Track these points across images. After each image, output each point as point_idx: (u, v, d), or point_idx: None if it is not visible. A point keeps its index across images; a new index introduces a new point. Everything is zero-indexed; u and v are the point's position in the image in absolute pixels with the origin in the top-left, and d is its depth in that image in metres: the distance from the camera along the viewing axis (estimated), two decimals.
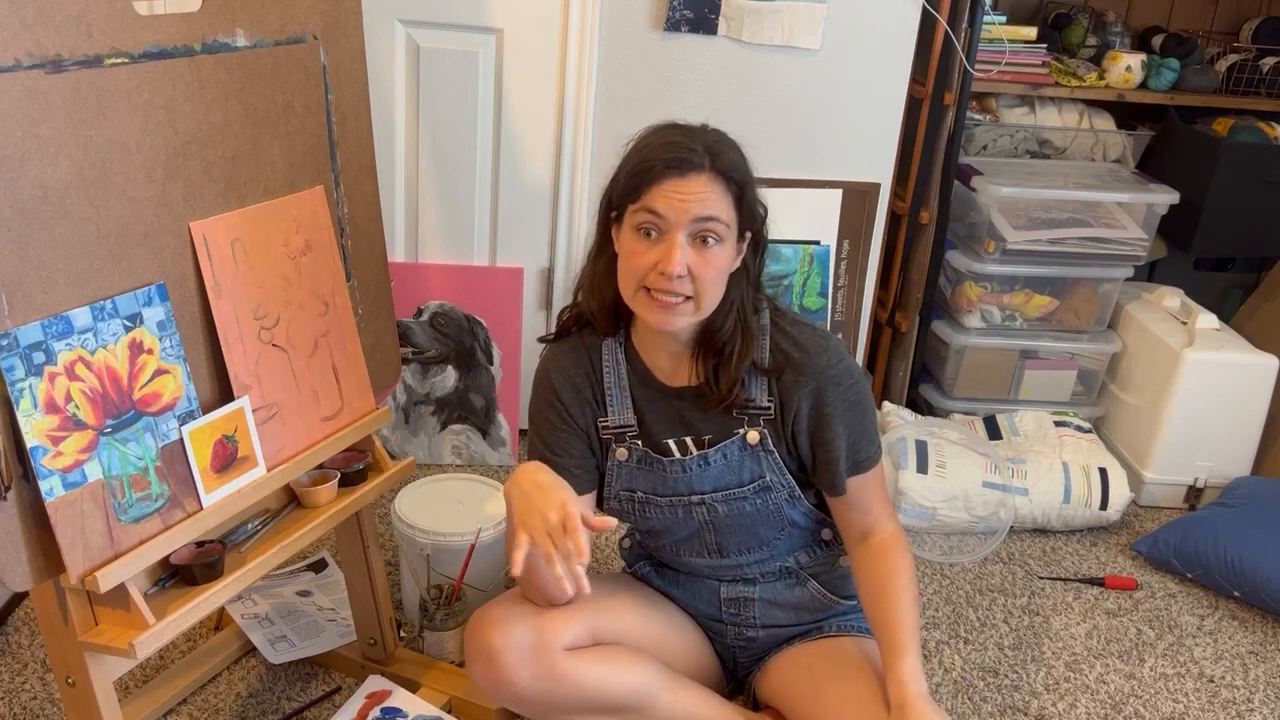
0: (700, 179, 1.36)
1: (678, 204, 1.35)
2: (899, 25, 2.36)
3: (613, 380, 1.54)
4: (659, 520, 1.58)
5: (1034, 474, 2.39)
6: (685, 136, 1.39)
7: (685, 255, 1.36)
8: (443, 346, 2.48)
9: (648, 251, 1.38)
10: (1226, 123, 2.90)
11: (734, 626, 1.66)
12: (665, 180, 1.36)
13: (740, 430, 1.50)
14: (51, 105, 1.15)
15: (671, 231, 1.36)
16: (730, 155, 1.39)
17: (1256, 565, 2.15)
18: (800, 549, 1.62)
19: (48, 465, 1.16)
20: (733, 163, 1.39)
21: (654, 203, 1.36)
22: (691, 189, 1.35)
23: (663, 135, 1.40)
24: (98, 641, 1.26)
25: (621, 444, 1.55)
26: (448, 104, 2.34)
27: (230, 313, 1.39)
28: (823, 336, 1.50)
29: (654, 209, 1.36)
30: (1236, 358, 2.48)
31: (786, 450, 1.51)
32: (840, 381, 1.47)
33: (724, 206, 1.38)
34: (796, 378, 1.47)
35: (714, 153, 1.38)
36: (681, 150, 1.37)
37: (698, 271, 1.37)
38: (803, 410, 1.48)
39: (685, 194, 1.35)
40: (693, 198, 1.35)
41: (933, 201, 2.62)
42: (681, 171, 1.35)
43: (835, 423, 1.48)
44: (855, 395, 1.49)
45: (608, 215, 1.46)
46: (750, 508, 1.54)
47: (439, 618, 1.83)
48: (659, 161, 1.36)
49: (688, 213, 1.35)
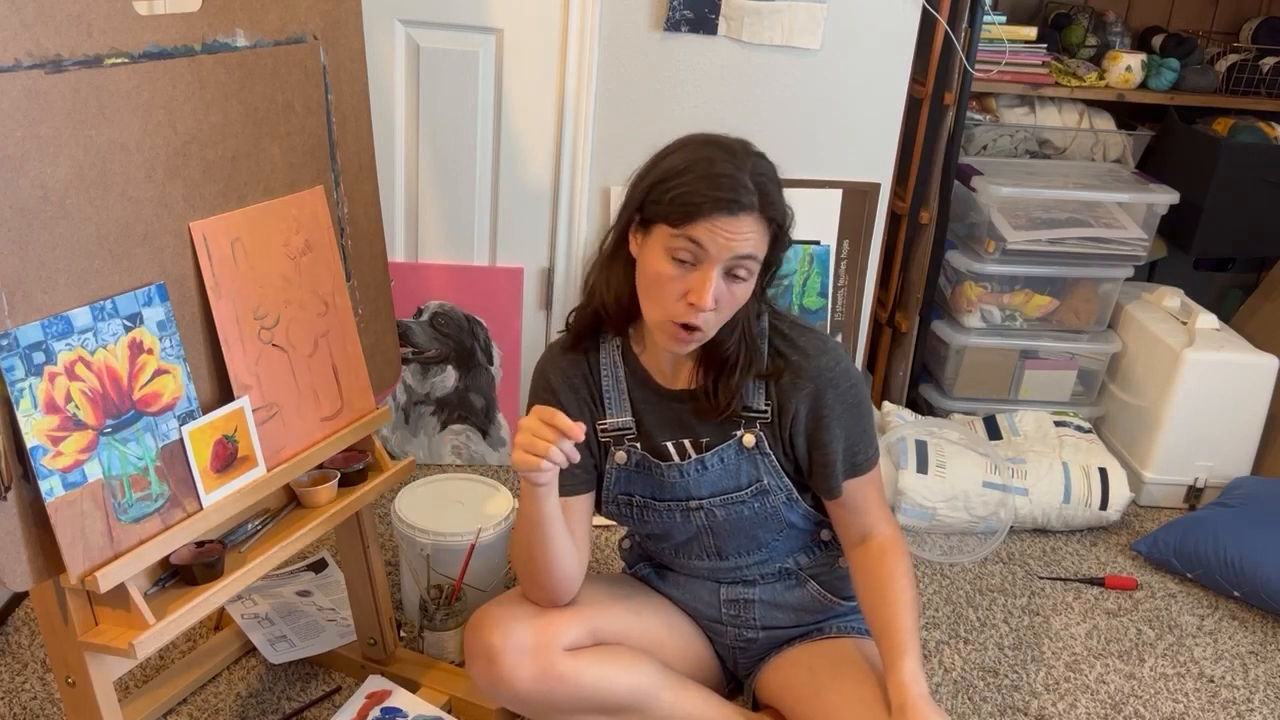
0: (749, 220, 1.34)
1: (723, 241, 1.33)
2: (899, 25, 2.36)
3: (610, 383, 1.54)
4: (658, 524, 1.58)
5: (1034, 474, 2.39)
6: (735, 169, 1.34)
7: (717, 291, 1.35)
8: (443, 346, 2.48)
9: (679, 279, 1.35)
10: (1226, 123, 2.90)
11: (734, 628, 1.66)
12: (714, 216, 1.32)
13: (737, 433, 1.50)
14: (51, 105, 1.15)
15: (709, 265, 1.34)
16: (776, 195, 1.37)
17: (1256, 565, 2.15)
18: (800, 550, 1.62)
19: (48, 465, 1.16)
20: (778, 205, 1.37)
21: (699, 235, 1.33)
22: (740, 230, 1.33)
23: (711, 163, 1.35)
24: (98, 641, 1.26)
25: (620, 447, 1.55)
26: (448, 104, 2.34)
27: (230, 313, 1.39)
28: (821, 339, 1.50)
29: (698, 241, 1.33)
30: (1236, 358, 2.48)
31: (783, 452, 1.51)
32: (838, 384, 1.47)
33: (763, 245, 1.37)
34: (794, 380, 1.47)
35: (763, 192, 1.35)
36: (734, 189, 1.33)
37: (723, 304, 1.37)
38: (800, 413, 1.48)
39: (732, 234, 1.33)
40: (738, 238, 1.33)
41: (933, 201, 2.62)
42: (732, 211, 1.33)
43: (833, 425, 1.47)
44: (853, 398, 1.48)
45: (629, 217, 1.42)
46: (748, 511, 1.54)
47: (439, 618, 1.83)
48: (709, 200, 1.32)
49: (732, 250, 1.34)
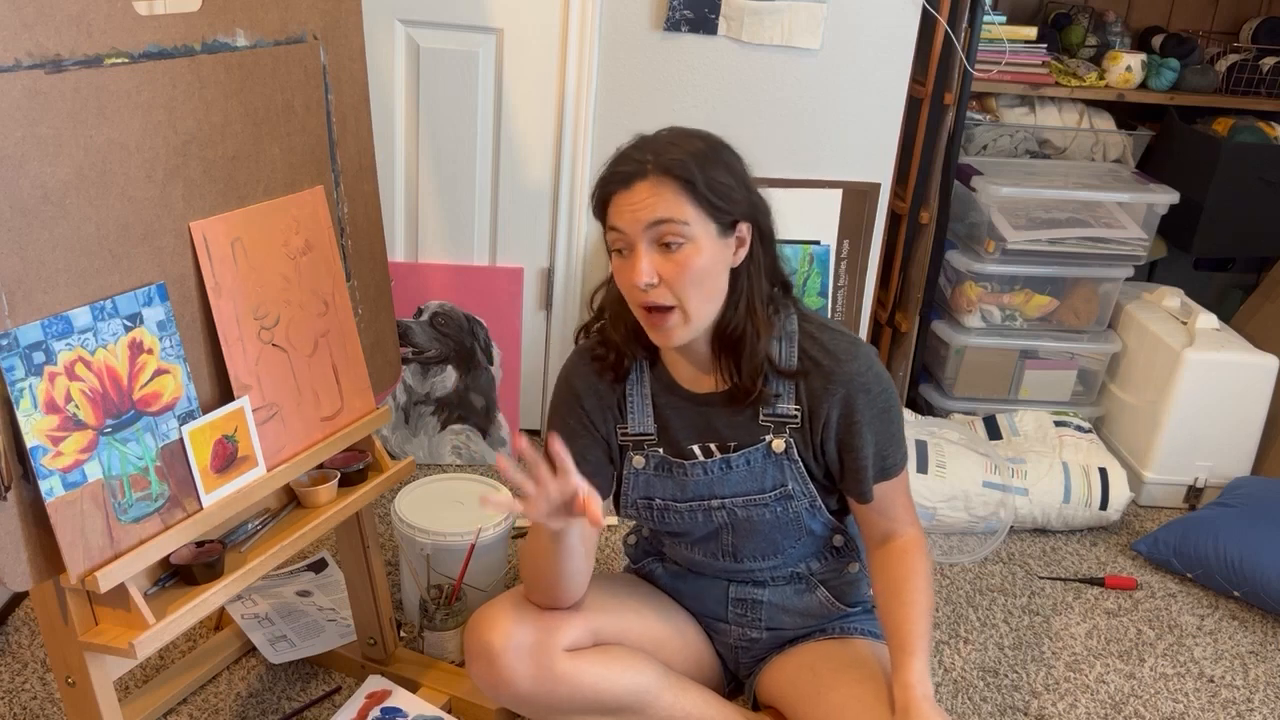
0: (643, 186, 1.34)
1: (629, 215, 1.35)
2: (899, 25, 2.36)
3: (635, 388, 1.53)
4: (678, 524, 1.57)
5: (1034, 474, 2.39)
6: (635, 148, 1.38)
7: (652, 264, 1.35)
8: (443, 346, 2.48)
9: (624, 268, 1.38)
10: (1226, 123, 2.90)
11: (739, 627, 1.66)
12: (615, 195, 1.37)
13: (766, 437, 1.50)
14: (51, 105, 1.15)
15: (634, 243, 1.36)
16: (675, 152, 1.35)
17: (1256, 565, 2.15)
18: (812, 556, 1.62)
19: (48, 465, 1.16)
20: (676, 160, 1.34)
21: (613, 219, 1.37)
22: (637, 198, 1.34)
23: (617, 154, 1.40)
24: (98, 641, 1.26)
25: (639, 452, 1.54)
26: (448, 104, 2.34)
27: (230, 313, 1.39)
28: (852, 343, 1.48)
29: (615, 226, 1.37)
30: (1236, 358, 2.48)
31: (813, 457, 1.50)
32: (870, 389, 1.46)
33: (676, 205, 1.34)
34: (825, 385, 1.45)
35: (657, 153, 1.35)
36: (625, 163, 1.37)
37: (669, 277, 1.35)
38: (832, 418, 1.47)
39: (634, 204, 1.35)
40: (641, 205, 1.34)
41: (933, 201, 2.62)
42: (627, 184, 1.35)
43: (864, 431, 1.46)
44: (884, 403, 1.47)
45: None
46: (770, 515, 1.53)
47: (439, 618, 1.83)
48: (606, 183, 1.38)
49: (639, 221, 1.34)
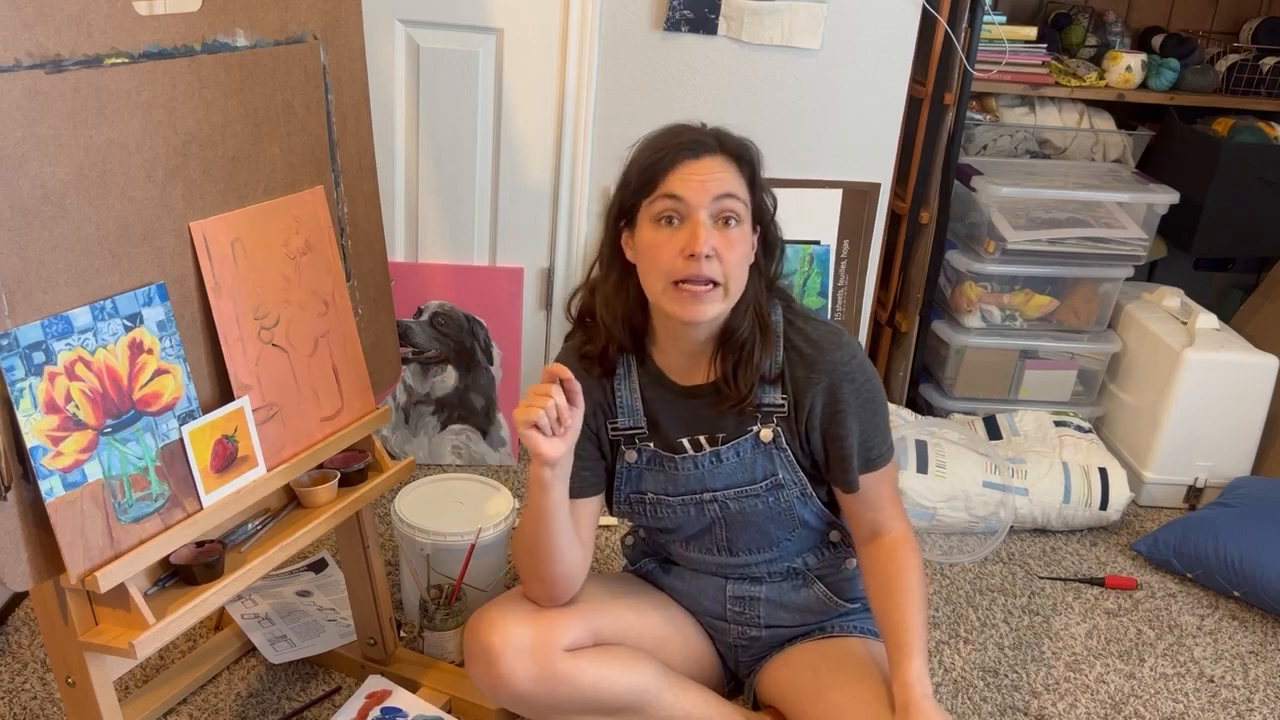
0: (715, 160, 1.39)
1: (696, 184, 1.37)
2: (899, 25, 2.36)
3: (623, 383, 1.54)
4: (671, 519, 1.58)
5: (1034, 474, 2.39)
6: (691, 127, 1.44)
7: (711, 235, 1.37)
8: (443, 346, 2.48)
9: (671, 239, 1.38)
10: (1226, 123, 2.90)
11: (738, 625, 1.66)
12: (680, 164, 1.38)
13: (754, 428, 1.50)
14: (51, 105, 1.15)
15: (694, 213, 1.37)
16: (738, 140, 1.44)
17: (1256, 565, 2.15)
18: (809, 550, 1.62)
19: (48, 465, 1.16)
20: (741, 145, 1.44)
21: (673, 187, 1.38)
22: (708, 169, 1.38)
23: (669, 130, 1.44)
24: (98, 641, 1.26)
25: (631, 446, 1.55)
26: (448, 104, 2.34)
27: (230, 313, 1.39)
28: (835, 332, 1.50)
29: (674, 193, 1.38)
30: (1236, 358, 2.48)
31: (800, 447, 1.51)
32: (854, 378, 1.47)
33: (740, 185, 1.41)
34: (810, 374, 1.47)
35: (722, 136, 1.42)
36: (692, 134, 1.41)
37: (723, 253, 1.38)
38: (816, 406, 1.48)
39: (703, 174, 1.37)
40: (710, 177, 1.38)
41: (933, 201, 2.62)
42: (696, 153, 1.39)
43: (849, 419, 1.47)
44: (869, 392, 1.48)
45: (616, 226, 1.46)
46: (762, 505, 1.53)
47: (439, 618, 1.83)
48: (671, 148, 1.39)
49: (708, 191, 1.37)
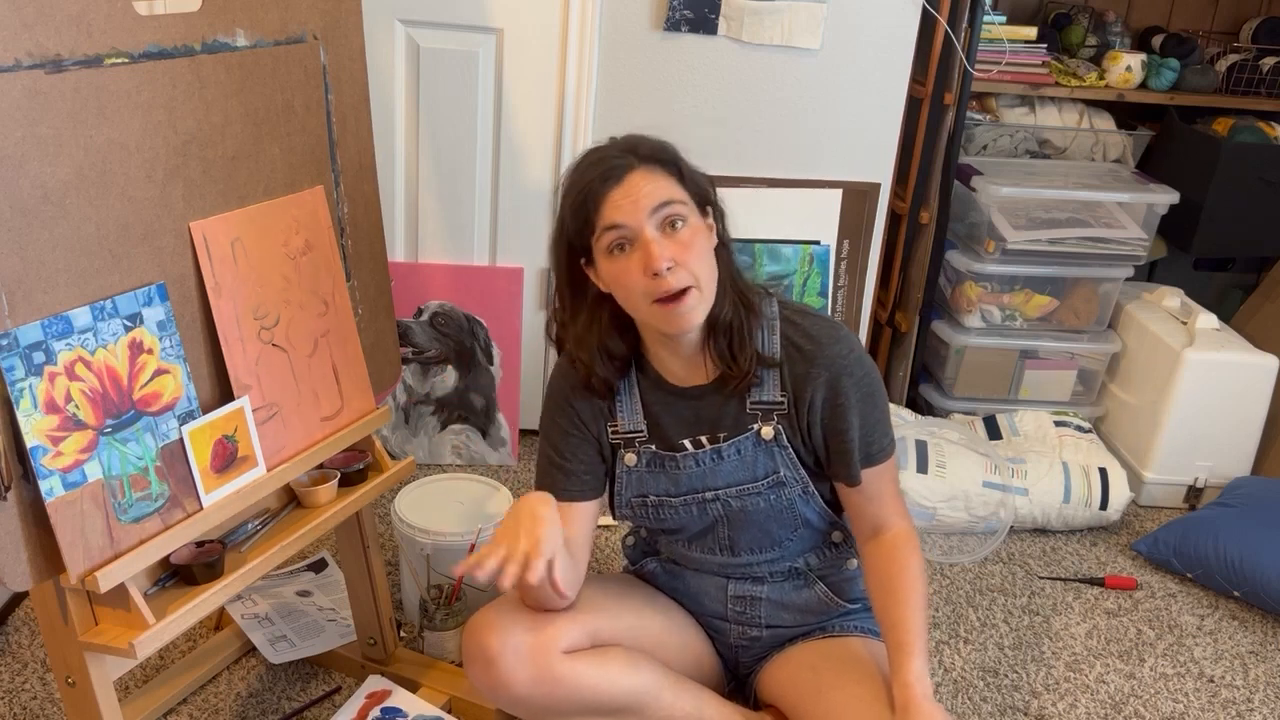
0: (636, 176, 1.38)
1: (629, 206, 1.37)
2: (899, 25, 2.36)
3: (624, 388, 1.54)
4: (673, 520, 1.58)
5: (1034, 474, 2.39)
6: (601, 152, 1.42)
7: (664, 248, 1.37)
8: (443, 346, 2.48)
9: (632, 263, 1.38)
10: (1226, 123, 2.90)
11: (739, 625, 1.66)
12: (608, 193, 1.38)
13: (754, 425, 1.50)
14: (51, 105, 1.15)
15: (640, 233, 1.37)
16: (649, 145, 1.42)
17: (1256, 565, 2.15)
18: (810, 550, 1.62)
19: (48, 465, 1.16)
20: (655, 147, 1.42)
21: (610, 218, 1.37)
22: (635, 188, 1.37)
23: (585, 161, 1.43)
24: (98, 641, 1.26)
25: (630, 449, 1.55)
26: (448, 104, 2.34)
27: (230, 313, 1.39)
28: (833, 326, 1.50)
29: (613, 223, 1.37)
30: (1236, 358, 2.48)
31: (801, 443, 1.51)
32: (853, 371, 1.47)
33: (672, 187, 1.40)
34: (809, 369, 1.47)
35: (635, 149, 1.41)
36: (606, 162, 1.39)
37: (681, 257, 1.37)
38: (817, 401, 1.48)
39: (633, 195, 1.37)
40: (641, 195, 1.37)
41: (933, 201, 2.62)
42: (617, 178, 1.38)
43: (849, 412, 1.47)
44: (869, 385, 1.48)
45: (574, 264, 1.45)
46: (764, 503, 1.53)
47: (439, 618, 1.83)
48: (593, 181, 1.39)
49: (643, 209, 1.37)
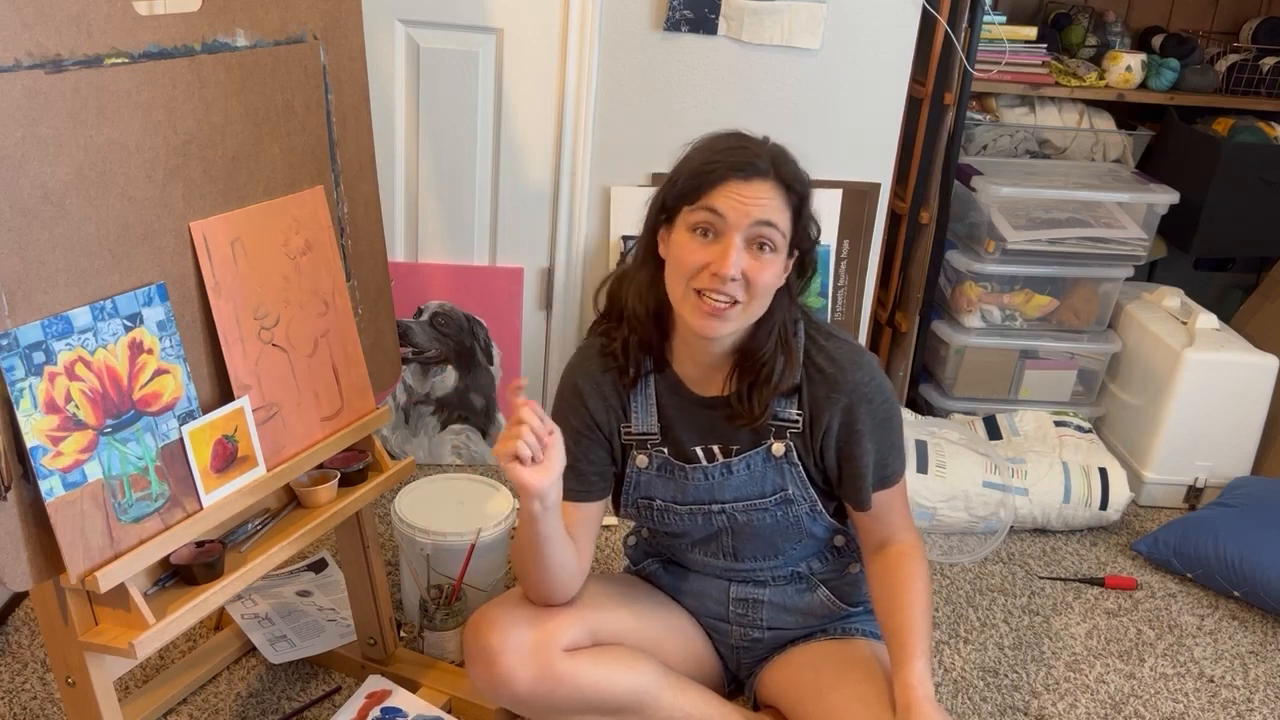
0: (764, 185, 1.36)
1: (739, 205, 1.35)
2: (899, 25, 2.36)
3: (639, 387, 1.53)
4: (677, 525, 1.58)
5: (1034, 474, 2.39)
6: (751, 144, 1.40)
7: (741, 258, 1.35)
8: (443, 346, 2.48)
9: (702, 250, 1.37)
10: (1226, 123, 2.90)
11: (740, 627, 1.66)
12: (729, 181, 1.36)
13: (767, 441, 1.50)
14: (51, 105, 1.15)
15: (729, 233, 1.35)
16: (793, 168, 1.40)
17: (1256, 565, 2.15)
18: (813, 555, 1.62)
19: (48, 465, 1.16)
20: (795, 174, 1.39)
21: (715, 202, 1.36)
22: (755, 193, 1.35)
23: (728, 141, 1.41)
24: (98, 641, 1.26)
25: (643, 451, 1.54)
26: (448, 104, 2.34)
27: (230, 313, 1.39)
28: (856, 351, 1.49)
29: (715, 208, 1.35)
30: (1236, 358, 2.48)
31: (814, 463, 1.51)
32: (872, 399, 1.46)
33: (783, 216, 1.38)
34: (829, 393, 1.46)
35: (778, 162, 1.38)
36: (748, 155, 1.37)
37: (752, 276, 1.36)
38: (833, 426, 1.47)
39: (748, 197, 1.35)
40: (754, 202, 1.35)
41: (933, 201, 2.62)
42: (746, 175, 1.36)
43: (865, 439, 1.47)
44: (885, 412, 1.48)
45: (657, 219, 1.44)
46: (770, 519, 1.53)
47: (439, 618, 1.83)
48: (723, 164, 1.37)
49: (749, 215, 1.35)
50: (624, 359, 1.50)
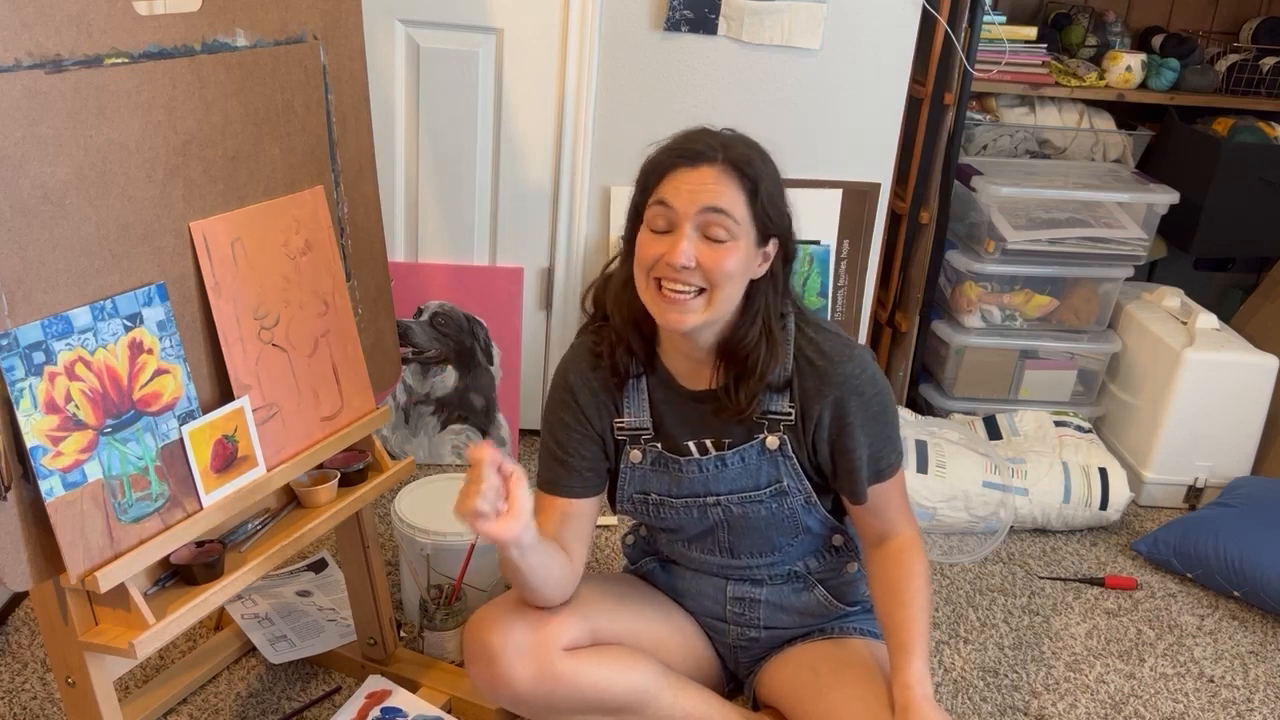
0: (710, 170, 1.35)
1: (685, 193, 1.34)
2: (899, 25, 2.36)
3: (631, 382, 1.53)
4: (673, 520, 1.58)
5: (1034, 474, 2.39)
6: (702, 134, 1.40)
7: (692, 247, 1.35)
8: (443, 346, 2.48)
9: (657, 243, 1.37)
10: (1226, 123, 2.90)
11: (738, 626, 1.66)
12: (676, 171, 1.36)
13: (760, 435, 1.50)
14: (51, 105, 1.15)
15: (681, 223, 1.35)
16: (744, 150, 1.38)
17: (1256, 565, 2.15)
18: (810, 554, 1.62)
19: (48, 465, 1.16)
20: (745, 156, 1.37)
21: (664, 194, 1.36)
22: (701, 179, 1.35)
23: (682, 133, 1.41)
24: (98, 641, 1.26)
25: (636, 445, 1.54)
26: (448, 104, 2.34)
27: (230, 313, 1.39)
28: (847, 344, 1.48)
29: (664, 199, 1.36)
30: (1236, 358, 2.48)
31: (807, 457, 1.50)
32: (862, 392, 1.45)
33: (735, 201, 1.35)
34: (819, 386, 1.46)
35: (728, 146, 1.37)
36: (694, 143, 1.37)
37: (708, 264, 1.35)
38: (824, 419, 1.47)
39: (694, 185, 1.34)
40: (701, 188, 1.34)
41: (933, 201, 2.62)
42: (692, 162, 1.35)
43: (857, 432, 1.46)
44: (878, 405, 1.47)
45: (633, 222, 1.44)
46: (765, 511, 1.53)
47: (439, 618, 1.83)
48: (669, 156, 1.37)
49: (696, 202, 1.34)
50: (610, 360, 1.51)
